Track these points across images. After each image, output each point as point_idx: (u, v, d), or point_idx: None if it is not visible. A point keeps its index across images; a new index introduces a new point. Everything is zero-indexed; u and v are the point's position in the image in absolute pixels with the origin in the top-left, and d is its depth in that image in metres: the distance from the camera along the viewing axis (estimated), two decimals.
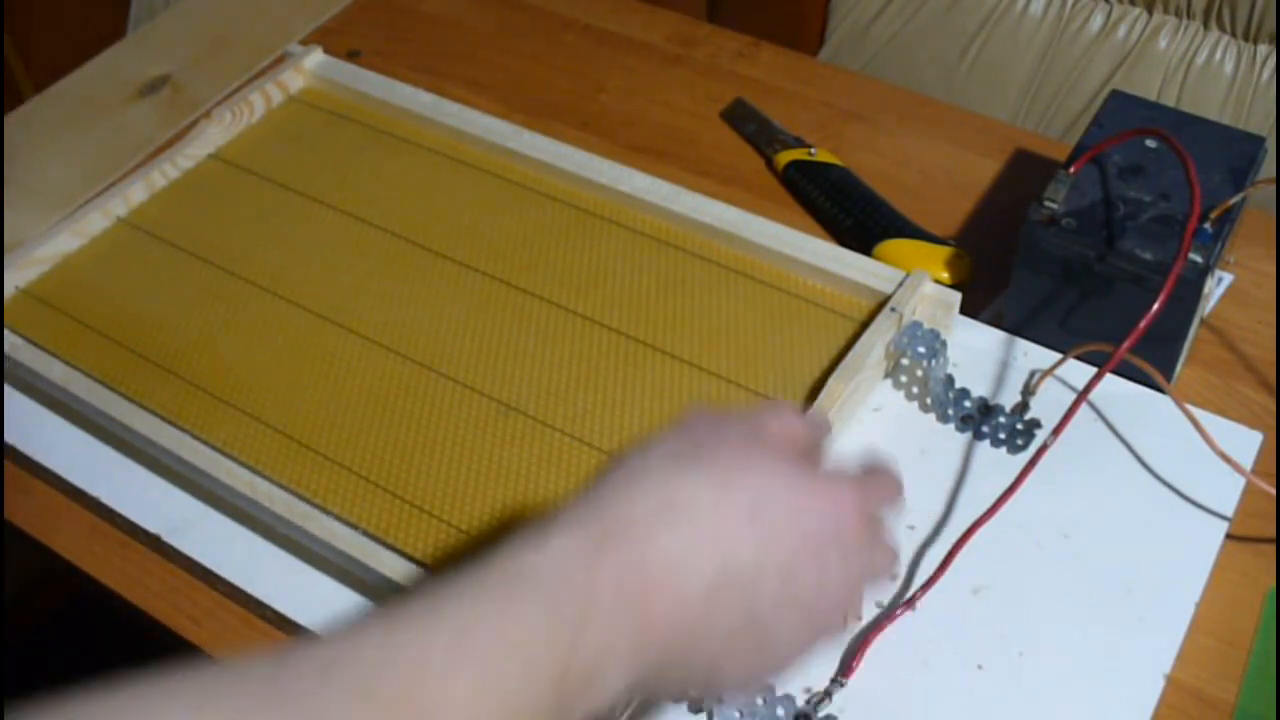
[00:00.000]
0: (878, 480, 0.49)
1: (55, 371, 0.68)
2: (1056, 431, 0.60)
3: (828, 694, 0.56)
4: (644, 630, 0.41)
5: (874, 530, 0.47)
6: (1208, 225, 0.63)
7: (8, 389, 0.70)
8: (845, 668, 0.57)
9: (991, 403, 0.67)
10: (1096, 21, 1.10)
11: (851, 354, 0.65)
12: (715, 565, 0.42)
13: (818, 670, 0.57)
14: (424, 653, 0.37)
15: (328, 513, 0.61)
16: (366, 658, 0.36)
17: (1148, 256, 0.64)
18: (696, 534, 0.42)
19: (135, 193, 0.78)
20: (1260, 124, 1.04)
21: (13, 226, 0.80)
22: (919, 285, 0.69)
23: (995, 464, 0.65)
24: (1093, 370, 0.60)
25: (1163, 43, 1.08)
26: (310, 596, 0.61)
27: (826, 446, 0.51)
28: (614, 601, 0.40)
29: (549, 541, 0.41)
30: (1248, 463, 0.63)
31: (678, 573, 0.41)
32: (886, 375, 0.69)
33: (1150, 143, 0.68)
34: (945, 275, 0.73)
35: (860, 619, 0.58)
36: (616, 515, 0.42)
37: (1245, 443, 0.65)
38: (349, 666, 0.36)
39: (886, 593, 0.60)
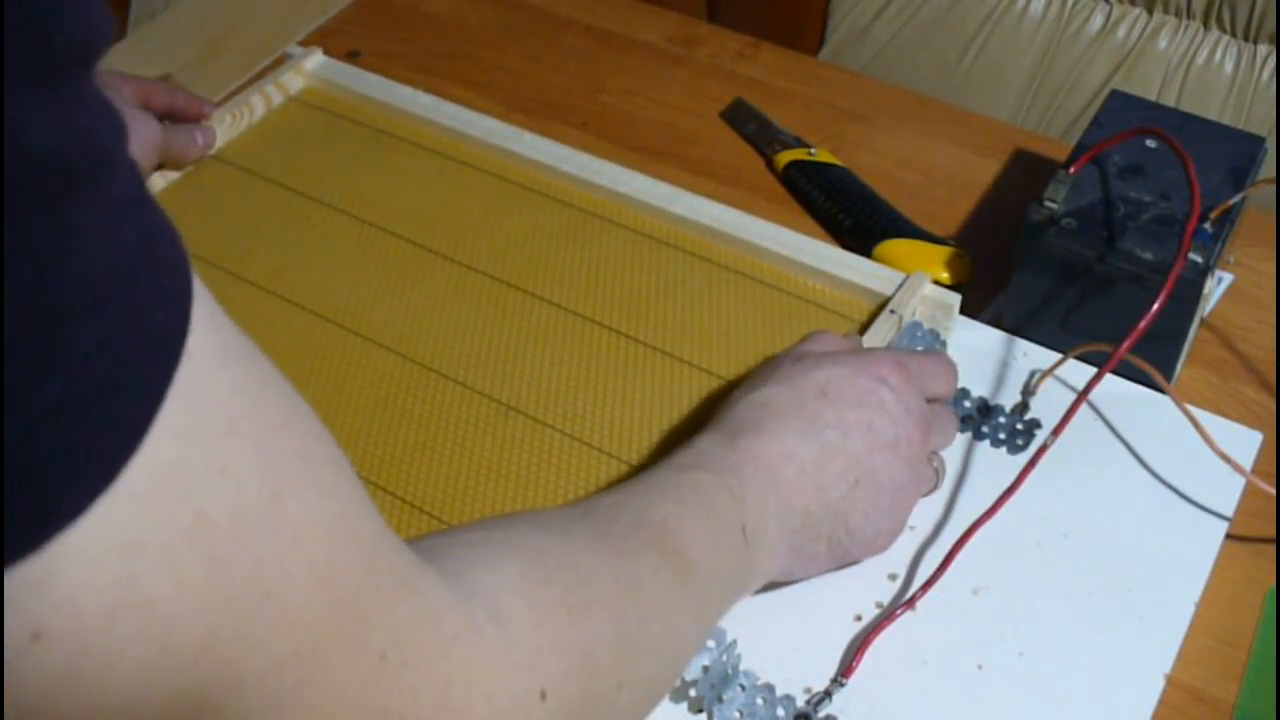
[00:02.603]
0: (920, 355, 0.62)
1: None
2: (1056, 431, 0.60)
3: (828, 694, 0.56)
4: (782, 495, 0.54)
5: (916, 387, 0.59)
6: (1208, 225, 0.63)
7: None
8: (845, 668, 0.57)
9: (991, 403, 0.67)
10: (1096, 21, 1.10)
11: None
12: (811, 437, 0.55)
13: (818, 670, 0.57)
14: (663, 510, 0.51)
15: None
16: (632, 507, 0.51)
17: (1148, 256, 0.64)
18: (788, 422, 0.55)
19: None
20: (1260, 124, 1.04)
21: None
22: (918, 287, 0.69)
23: (995, 464, 0.65)
24: (1093, 370, 0.60)
25: (1163, 43, 1.08)
26: None
27: (861, 347, 0.63)
28: (754, 470, 0.54)
29: (695, 443, 0.56)
30: (1248, 463, 0.63)
31: (789, 446, 0.55)
32: None
33: (1150, 143, 0.68)
34: (945, 275, 0.73)
35: (942, 475, 0.62)
36: (730, 423, 0.56)
37: (1245, 443, 0.65)
38: (624, 514, 0.51)
39: (887, 593, 0.60)
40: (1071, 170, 0.66)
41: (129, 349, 0.28)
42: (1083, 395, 0.59)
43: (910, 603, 0.58)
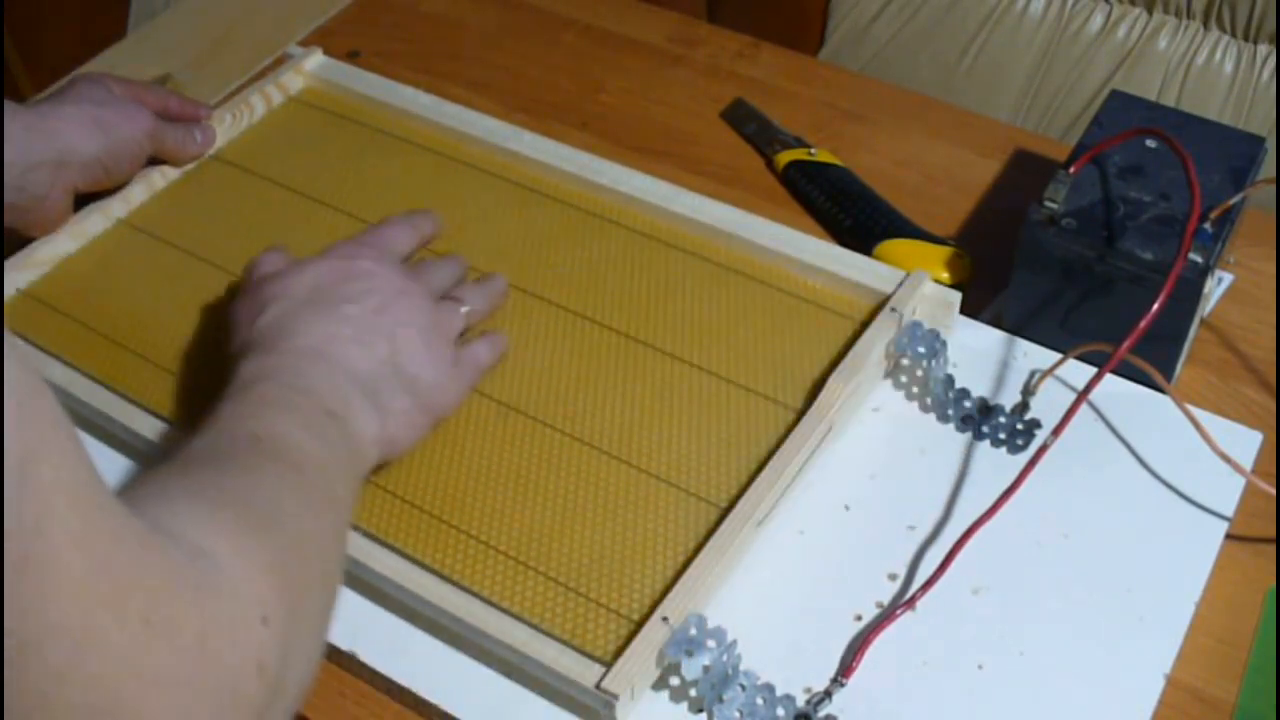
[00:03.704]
0: (373, 227, 0.70)
1: (56, 373, 0.68)
2: (1056, 431, 0.60)
3: (828, 694, 0.56)
4: (342, 367, 0.58)
5: (381, 251, 0.66)
6: (1208, 225, 0.63)
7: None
8: (845, 668, 0.57)
9: (991, 403, 0.67)
10: (1096, 21, 1.10)
11: (851, 354, 0.65)
12: (334, 318, 0.60)
13: (818, 670, 0.57)
14: (249, 427, 0.54)
15: None
16: (222, 437, 0.53)
17: (1148, 256, 0.64)
18: (307, 317, 0.60)
19: (135, 194, 0.78)
20: (1260, 124, 1.04)
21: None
22: (919, 285, 0.69)
23: (995, 464, 0.65)
24: (1093, 370, 0.60)
25: (1163, 43, 1.08)
26: None
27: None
28: (306, 361, 0.58)
29: (238, 371, 0.58)
30: (1248, 463, 0.63)
31: (323, 330, 0.59)
32: (886, 375, 0.69)
33: (1150, 143, 0.68)
34: (945, 275, 0.73)
35: (478, 311, 0.68)
36: (258, 343, 0.60)
37: (1245, 443, 0.65)
38: (221, 444, 0.52)
39: (887, 593, 0.60)
40: (1071, 170, 0.66)
41: None
42: (1083, 395, 0.59)
43: (910, 603, 0.58)
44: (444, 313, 0.65)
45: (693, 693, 0.56)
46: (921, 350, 0.66)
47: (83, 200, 0.76)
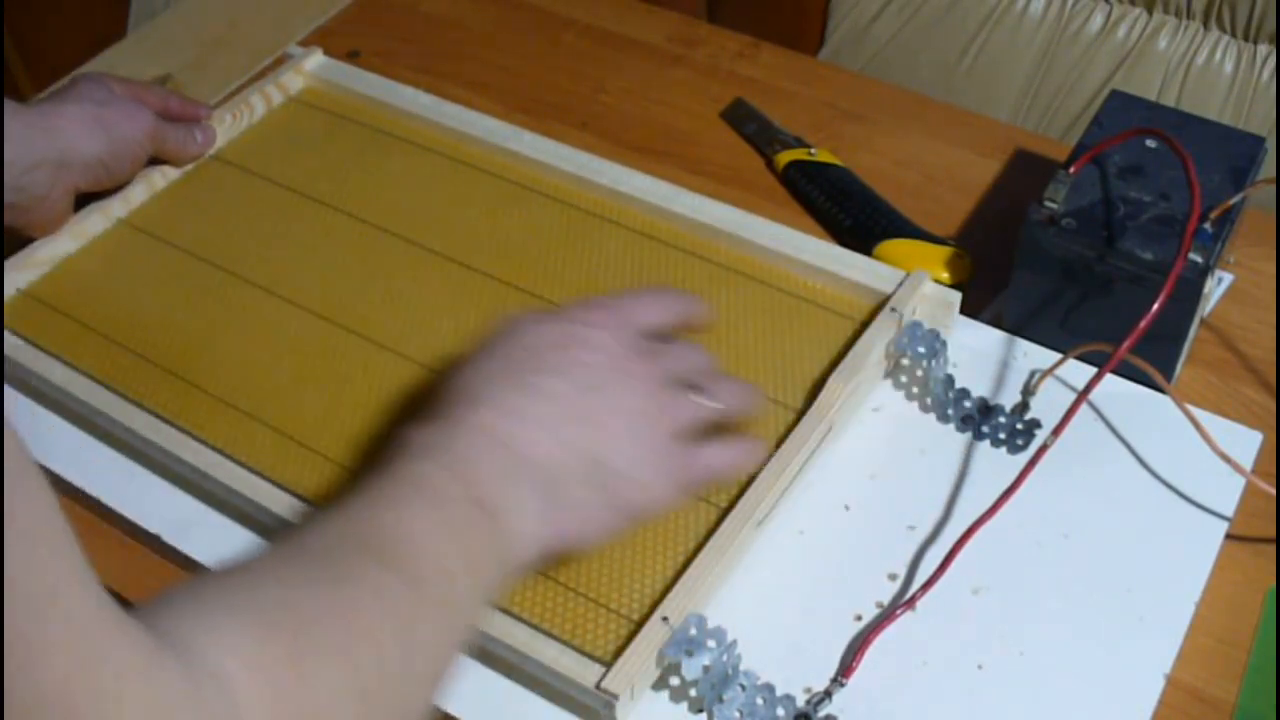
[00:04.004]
0: (629, 293, 0.62)
1: (56, 373, 0.68)
2: (1056, 431, 0.60)
3: (828, 694, 0.56)
4: (515, 451, 0.52)
5: (623, 320, 0.58)
6: (1208, 225, 0.63)
7: (8, 390, 0.70)
8: (845, 668, 0.57)
9: (991, 403, 0.67)
10: (1096, 21, 1.10)
11: (851, 354, 0.65)
12: (526, 389, 0.54)
13: (818, 670, 0.57)
14: (382, 519, 0.48)
15: None
16: (347, 525, 0.48)
17: (1148, 256, 0.64)
18: (499, 383, 0.54)
19: (135, 194, 0.78)
20: (1260, 124, 1.04)
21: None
22: (919, 285, 0.69)
23: (995, 464, 0.65)
24: (1093, 370, 0.60)
25: (1163, 43, 1.08)
26: None
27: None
28: (476, 439, 0.52)
29: (402, 436, 0.53)
30: (1248, 463, 0.63)
31: (506, 404, 0.53)
32: (886, 375, 0.69)
33: (1150, 143, 0.68)
34: (945, 275, 0.73)
35: (722, 402, 0.59)
36: (442, 404, 0.54)
37: (1245, 443, 0.65)
38: (338, 535, 0.47)
39: (887, 593, 0.60)
40: (1071, 170, 0.66)
41: None
42: (1083, 395, 0.59)
43: (910, 603, 0.58)
44: (672, 401, 0.57)
45: (693, 693, 0.56)
46: (921, 350, 0.66)
47: (83, 200, 0.76)
